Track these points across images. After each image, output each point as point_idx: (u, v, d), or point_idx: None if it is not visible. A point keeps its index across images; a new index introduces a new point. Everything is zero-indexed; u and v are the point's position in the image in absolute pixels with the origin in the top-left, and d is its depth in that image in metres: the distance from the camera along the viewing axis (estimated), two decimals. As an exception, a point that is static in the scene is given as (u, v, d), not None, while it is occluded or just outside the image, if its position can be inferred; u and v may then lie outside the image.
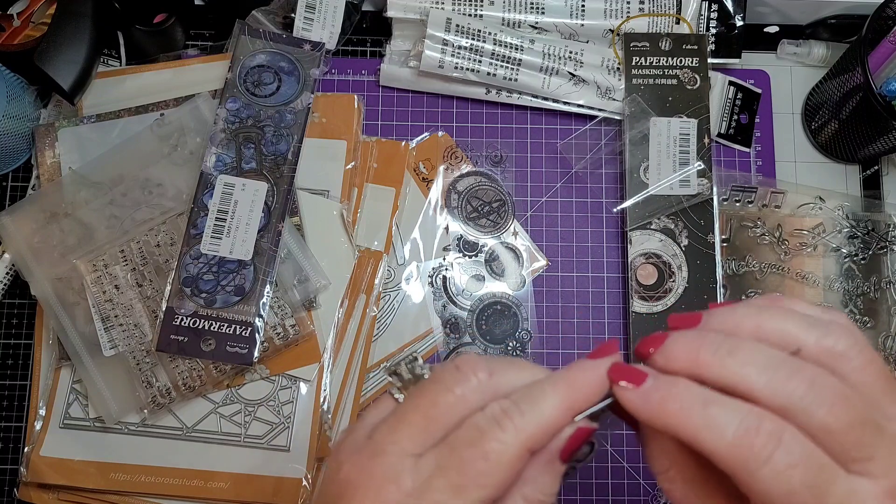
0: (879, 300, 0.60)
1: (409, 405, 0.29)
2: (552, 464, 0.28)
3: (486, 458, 0.26)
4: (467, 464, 0.26)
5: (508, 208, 0.60)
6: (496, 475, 0.26)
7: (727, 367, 0.25)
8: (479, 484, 0.26)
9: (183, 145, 0.57)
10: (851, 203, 0.61)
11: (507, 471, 0.26)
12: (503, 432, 0.26)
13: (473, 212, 0.60)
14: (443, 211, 0.60)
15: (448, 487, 0.26)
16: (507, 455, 0.26)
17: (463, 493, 0.26)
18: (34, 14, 0.60)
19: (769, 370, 0.24)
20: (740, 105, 0.63)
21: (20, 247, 0.55)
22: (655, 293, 0.58)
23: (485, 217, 0.60)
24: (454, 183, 0.61)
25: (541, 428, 0.27)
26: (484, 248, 0.60)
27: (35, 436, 0.55)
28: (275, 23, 0.61)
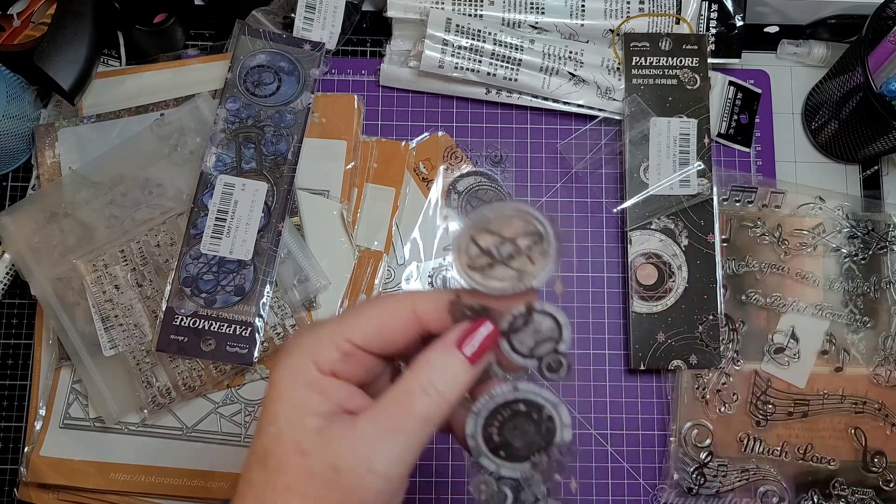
0: (879, 300, 0.60)
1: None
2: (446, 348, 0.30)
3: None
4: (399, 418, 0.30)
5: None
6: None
7: None
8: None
9: (183, 145, 0.57)
10: (851, 203, 0.61)
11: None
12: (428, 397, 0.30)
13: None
14: (443, 211, 0.60)
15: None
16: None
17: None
18: (34, 14, 0.60)
19: None
20: (740, 105, 0.63)
21: (20, 247, 0.55)
22: (655, 293, 0.58)
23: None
24: (454, 183, 0.61)
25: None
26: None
27: (35, 436, 0.55)
28: (275, 23, 0.61)
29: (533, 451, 0.34)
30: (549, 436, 0.34)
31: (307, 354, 0.30)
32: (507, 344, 0.33)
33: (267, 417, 0.30)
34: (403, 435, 0.29)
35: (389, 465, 0.29)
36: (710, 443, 0.57)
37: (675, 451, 0.57)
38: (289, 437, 0.29)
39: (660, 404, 0.59)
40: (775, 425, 0.58)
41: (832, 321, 0.59)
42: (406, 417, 0.29)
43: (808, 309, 0.60)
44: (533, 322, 0.33)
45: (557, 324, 0.33)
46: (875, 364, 0.59)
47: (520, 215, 0.33)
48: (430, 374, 0.30)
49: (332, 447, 0.29)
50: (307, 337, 0.31)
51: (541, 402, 0.34)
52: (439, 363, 0.30)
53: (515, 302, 0.32)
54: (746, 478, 0.57)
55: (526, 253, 0.33)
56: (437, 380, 0.30)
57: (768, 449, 0.58)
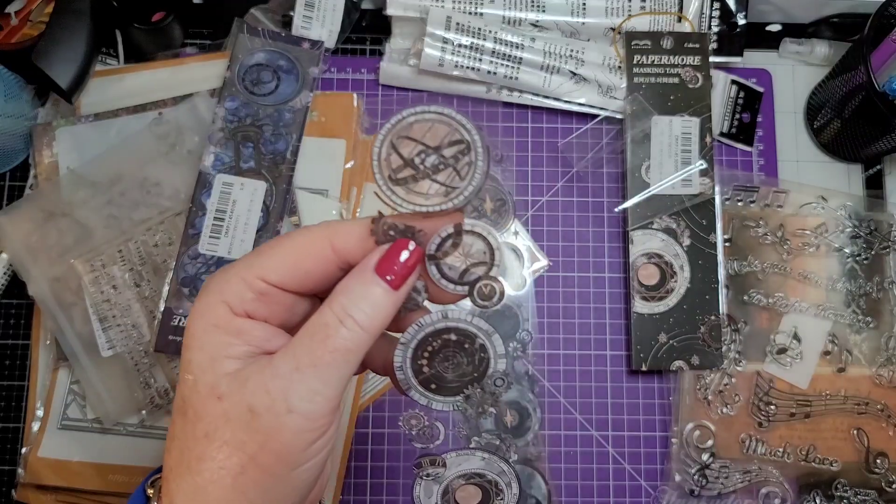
0: (882, 300, 0.60)
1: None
2: (365, 274, 0.29)
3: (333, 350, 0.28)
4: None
5: (509, 208, 0.60)
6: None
7: None
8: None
9: (181, 144, 0.57)
10: (854, 203, 0.61)
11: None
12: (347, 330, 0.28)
13: (473, 211, 0.59)
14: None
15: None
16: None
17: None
18: (32, 12, 0.60)
19: None
20: (742, 104, 0.63)
21: (17, 247, 0.55)
22: (657, 293, 0.58)
23: (485, 216, 0.60)
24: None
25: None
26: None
27: (33, 437, 0.55)
28: (274, 21, 0.61)
29: (466, 383, 0.32)
30: (483, 367, 0.32)
31: (218, 296, 0.29)
32: (436, 269, 0.31)
33: (183, 366, 0.29)
34: (321, 369, 0.27)
35: (308, 401, 0.27)
36: (712, 444, 0.57)
37: (676, 452, 0.57)
38: (204, 383, 0.28)
39: (661, 405, 0.58)
40: (777, 426, 0.58)
41: (835, 321, 0.59)
42: (323, 351, 0.27)
43: (810, 309, 0.59)
44: (463, 244, 0.31)
45: (489, 246, 0.32)
46: (878, 365, 0.59)
47: (443, 120, 0.31)
48: (347, 303, 0.28)
49: (248, 388, 0.27)
50: (218, 278, 0.29)
51: (473, 331, 0.32)
52: (357, 291, 0.28)
53: (443, 222, 0.30)
54: (748, 479, 0.57)
55: (452, 164, 0.30)
56: (355, 309, 0.28)
57: (770, 450, 0.57)
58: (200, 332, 0.28)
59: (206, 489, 0.27)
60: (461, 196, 0.30)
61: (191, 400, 0.28)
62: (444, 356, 0.33)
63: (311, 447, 0.28)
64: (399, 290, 0.29)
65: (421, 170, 0.30)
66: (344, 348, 0.28)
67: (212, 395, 0.27)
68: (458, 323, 0.32)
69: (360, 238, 0.29)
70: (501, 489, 0.36)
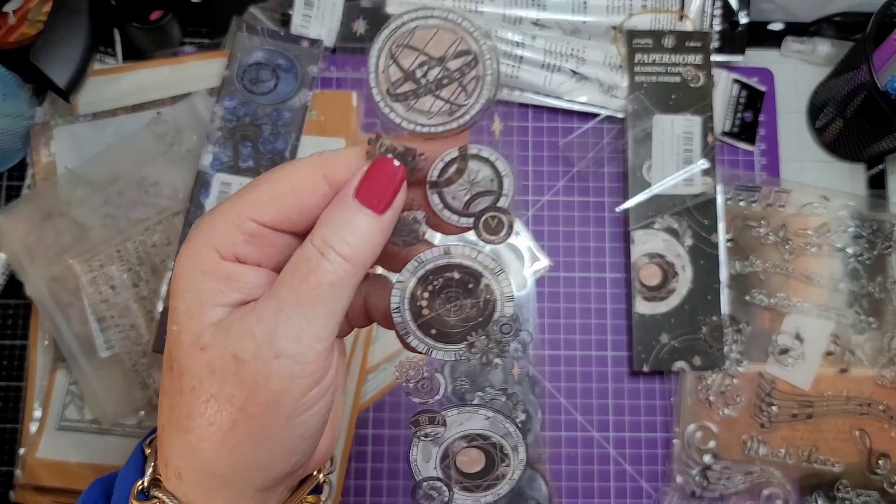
0: (885, 301, 0.60)
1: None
2: (345, 200, 0.26)
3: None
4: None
5: (510, 207, 0.60)
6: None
7: None
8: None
9: (179, 144, 0.57)
10: (856, 202, 0.61)
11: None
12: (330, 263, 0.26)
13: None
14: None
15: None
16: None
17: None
18: (30, 11, 0.60)
19: None
20: (744, 103, 0.62)
21: (15, 247, 0.55)
22: (659, 294, 0.58)
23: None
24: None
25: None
26: (484, 248, 0.59)
27: (31, 438, 0.54)
28: (272, 19, 0.61)
29: (469, 329, 0.29)
30: (489, 310, 0.29)
31: (205, 240, 0.26)
32: (438, 198, 0.28)
33: (170, 316, 0.27)
34: (306, 307, 0.25)
35: (295, 341, 0.25)
36: (714, 445, 0.57)
37: (678, 453, 0.57)
38: (188, 333, 0.26)
39: (663, 406, 0.58)
40: (779, 427, 0.57)
41: (837, 322, 0.59)
42: (306, 288, 0.25)
43: (812, 310, 0.59)
44: (468, 170, 0.28)
45: (497, 172, 0.29)
46: (880, 365, 0.59)
47: (448, 27, 0.27)
48: (328, 234, 0.26)
49: (231, 336, 0.25)
50: (205, 221, 0.27)
51: (478, 269, 0.29)
52: (337, 220, 0.26)
53: (447, 145, 0.27)
54: (750, 480, 0.57)
55: (458, 79, 0.27)
56: (337, 240, 0.25)
57: (772, 451, 0.57)
58: (187, 280, 0.26)
59: (198, 447, 0.25)
60: (467, 115, 0.27)
61: (176, 353, 0.26)
62: (445, 297, 0.29)
63: (305, 396, 0.26)
64: (384, 215, 0.26)
65: (423, 84, 0.27)
66: (328, 283, 0.25)
67: (195, 346, 0.25)
68: (461, 259, 0.28)
69: (357, 168, 0.27)
70: (507, 453, 0.32)
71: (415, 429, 0.31)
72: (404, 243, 0.28)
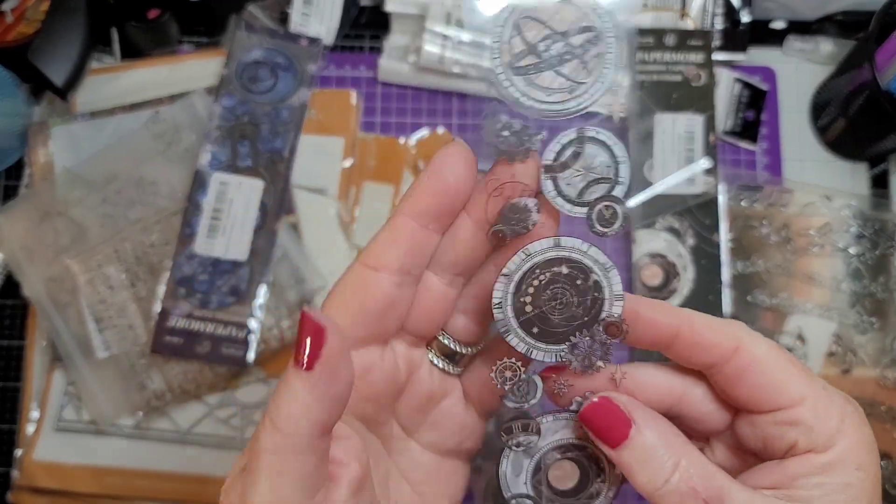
0: (887, 301, 0.59)
1: None
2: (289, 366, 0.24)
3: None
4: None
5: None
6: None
7: None
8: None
9: (177, 143, 0.57)
10: (859, 202, 0.61)
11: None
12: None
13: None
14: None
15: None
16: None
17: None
18: (28, 10, 0.59)
19: None
20: (746, 102, 0.62)
21: (13, 246, 0.55)
22: (660, 294, 0.58)
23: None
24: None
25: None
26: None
27: (28, 439, 0.54)
28: (271, 18, 0.61)
29: (574, 328, 0.27)
30: (596, 309, 0.27)
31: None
32: (552, 184, 0.26)
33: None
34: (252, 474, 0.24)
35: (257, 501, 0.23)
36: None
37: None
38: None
39: (664, 407, 0.58)
40: (781, 428, 0.57)
41: (839, 322, 0.59)
42: (251, 454, 0.24)
43: (814, 310, 0.59)
44: (584, 155, 0.26)
45: (615, 159, 0.26)
46: (883, 366, 0.58)
47: (573, 2, 0.26)
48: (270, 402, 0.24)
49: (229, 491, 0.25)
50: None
51: (588, 264, 0.26)
52: (279, 387, 0.24)
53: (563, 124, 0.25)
54: (752, 482, 0.57)
55: (580, 55, 0.26)
56: (272, 406, 0.24)
57: (774, 452, 0.57)
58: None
59: None
60: (586, 94, 0.25)
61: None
62: (551, 293, 0.27)
63: None
64: (314, 371, 0.23)
65: (545, 58, 0.26)
66: (261, 450, 0.24)
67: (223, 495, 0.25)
68: (571, 252, 0.26)
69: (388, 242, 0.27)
70: (603, 468, 0.29)
71: (506, 437, 0.29)
72: (512, 233, 0.26)
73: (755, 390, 0.26)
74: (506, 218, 0.26)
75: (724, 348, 0.26)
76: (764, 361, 0.26)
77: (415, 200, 0.26)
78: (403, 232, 0.26)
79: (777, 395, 0.26)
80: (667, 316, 0.28)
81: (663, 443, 0.26)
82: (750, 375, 0.26)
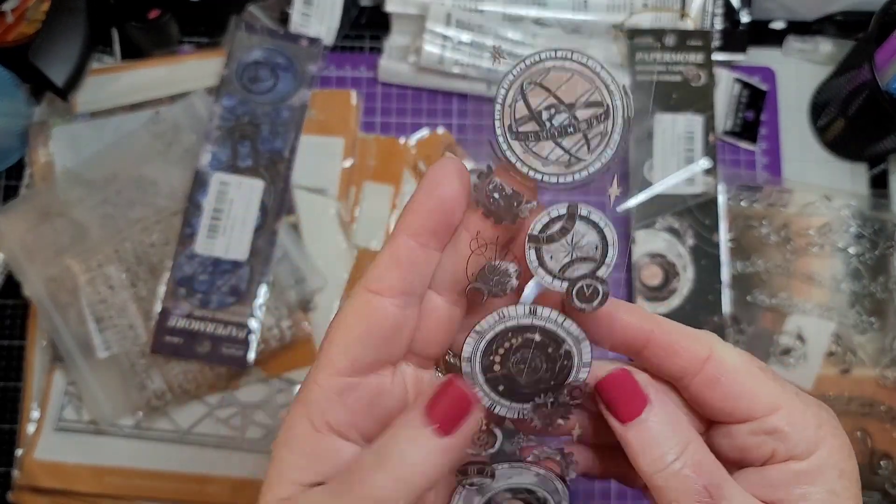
0: (886, 301, 0.59)
1: None
2: (411, 413, 0.25)
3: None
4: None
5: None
6: None
7: None
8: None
9: (178, 143, 0.57)
10: (858, 202, 0.61)
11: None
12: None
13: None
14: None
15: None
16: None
17: None
18: (28, 10, 0.59)
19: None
20: (746, 102, 0.62)
21: (13, 246, 0.55)
22: (660, 294, 0.58)
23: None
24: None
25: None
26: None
27: (28, 438, 0.54)
28: (271, 18, 0.61)
29: (539, 391, 0.28)
30: (563, 375, 0.28)
31: (299, 410, 0.26)
32: (535, 255, 0.26)
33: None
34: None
35: None
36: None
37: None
38: (262, 501, 0.26)
39: (663, 407, 0.58)
40: (781, 428, 0.57)
41: (839, 322, 0.59)
42: (351, 499, 0.24)
43: (814, 310, 0.59)
44: (573, 231, 0.26)
45: (604, 240, 0.26)
46: (882, 366, 0.59)
47: (585, 73, 0.26)
48: (386, 444, 0.24)
49: None
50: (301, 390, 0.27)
51: (561, 336, 0.27)
52: (401, 434, 0.24)
53: (557, 197, 0.25)
54: (752, 481, 0.57)
55: (583, 130, 0.26)
56: (395, 453, 0.24)
57: (774, 452, 0.57)
58: (276, 449, 0.26)
59: None
60: (584, 172, 0.25)
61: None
62: (521, 356, 0.28)
63: None
64: (451, 437, 0.24)
65: (547, 127, 0.26)
66: (373, 498, 0.23)
67: None
68: (546, 322, 0.27)
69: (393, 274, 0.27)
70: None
71: (461, 477, 0.29)
72: (489, 293, 0.27)
73: (729, 400, 0.26)
74: (485, 277, 0.26)
75: (695, 354, 0.27)
76: (736, 370, 0.26)
77: (412, 219, 0.26)
78: (403, 252, 0.26)
79: (751, 404, 0.26)
80: (641, 319, 0.28)
81: (672, 426, 0.26)
82: (723, 384, 0.26)
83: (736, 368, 0.26)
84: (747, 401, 0.26)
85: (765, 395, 0.26)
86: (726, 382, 0.26)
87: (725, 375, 0.26)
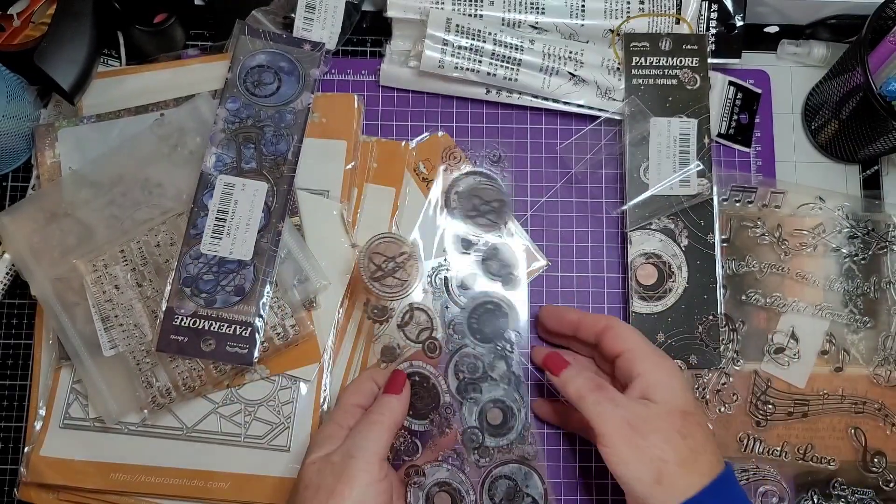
0: (879, 300, 0.60)
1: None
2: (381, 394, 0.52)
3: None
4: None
5: (508, 208, 0.60)
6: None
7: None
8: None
9: (183, 145, 0.57)
10: (851, 203, 0.61)
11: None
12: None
13: (472, 210, 0.60)
14: (442, 211, 0.60)
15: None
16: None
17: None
18: (34, 14, 0.60)
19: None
20: (740, 105, 0.63)
21: (20, 247, 0.55)
22: (655, 293, 0.58)
23: (484, 216, 0.60)
24: (454, 183, 0.61)
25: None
26: (482, 246, 0.59)
27: (35, 436, 0.55)
28: (275, 23, 0.61)
29: (428, 410, 0.53)
30: (437, 400, 0.53)
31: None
32: (402, 334, 0.54)
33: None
34: (366, 432, 0.48)
35: (362, 450, 0.46)
36: (710, 443, 0.57)
37: (674, 451, 0.57)
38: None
39: (660, 404, 0.59)
40: (775, 425, 0.58)
41: (832, 321, 0.60)
42: (367, 423, 0.48)
43: (808, 309, 0.60)
44: (414, 316, 0.54)
45: (430, 318, 0.55)
46: (875, 364, 0.59)
47: (393, 241, 0.52)
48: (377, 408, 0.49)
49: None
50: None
51: (427, 374, 0.54)
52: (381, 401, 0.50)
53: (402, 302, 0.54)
54: (746, 478, 0.58)
55: (402, 266, 0.51)
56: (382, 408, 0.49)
57: (768, 449, 0.58)
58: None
59: None
60: (409, 287, 0.52)
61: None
62: (414, 391, 0.52)
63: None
64: (400, 395, 0.50)
65: (386, 270, 0.52)
66: (375, 423, 0.48)
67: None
68: (417, 368, 0.54)
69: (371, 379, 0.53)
70: (463, 496, 0.52)
71: (407, 479, 0.51)
72: (394, 355, 0.55)
73: (615, 346, 0.51)
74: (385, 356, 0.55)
75: (602, 326, 0.52)
76: (623, 333, 0.52)
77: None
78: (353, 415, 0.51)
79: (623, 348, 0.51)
80: (573, 312, 0.56)
81: (579, 370, 0.51)
82: (613, 339, 0.52)
83: (623, 332, 0.52)
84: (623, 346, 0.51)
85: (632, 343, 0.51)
86: (612, 335, 0.52)
87: (612, 330, 0.52)
